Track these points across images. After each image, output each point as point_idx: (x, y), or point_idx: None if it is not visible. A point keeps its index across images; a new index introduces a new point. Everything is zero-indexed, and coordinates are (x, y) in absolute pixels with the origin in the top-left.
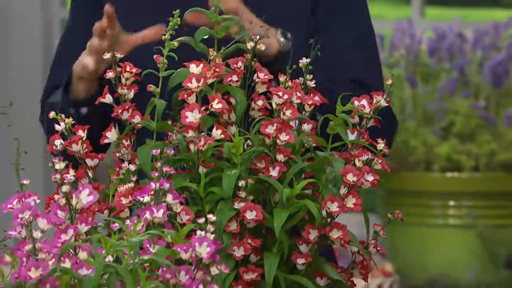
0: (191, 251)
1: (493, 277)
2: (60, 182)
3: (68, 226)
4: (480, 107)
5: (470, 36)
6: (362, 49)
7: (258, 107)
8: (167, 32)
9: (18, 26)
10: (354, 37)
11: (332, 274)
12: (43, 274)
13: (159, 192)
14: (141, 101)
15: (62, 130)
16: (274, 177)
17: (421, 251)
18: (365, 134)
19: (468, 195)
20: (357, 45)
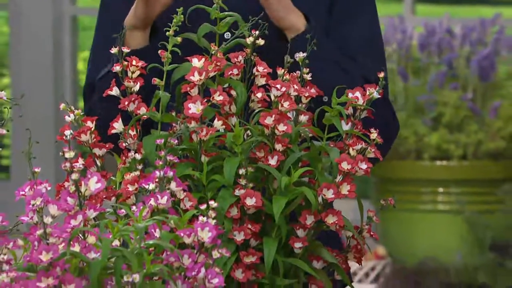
0: (193, 235)
1: (479, 260)
2: (70, 170)
3: (77, 212)
4: (468, 99)
5: (458, 32)
6: (372, 51)
7: (257, 99)
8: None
9: (30, 23)
10: (364, 39)
11: (328, 258)
12: (54, 257)
13: (164, 179)
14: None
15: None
16: (272, 166)
17: (412, 235)
18: (359, 125)
19: (456, 182)
20: (367, 47)
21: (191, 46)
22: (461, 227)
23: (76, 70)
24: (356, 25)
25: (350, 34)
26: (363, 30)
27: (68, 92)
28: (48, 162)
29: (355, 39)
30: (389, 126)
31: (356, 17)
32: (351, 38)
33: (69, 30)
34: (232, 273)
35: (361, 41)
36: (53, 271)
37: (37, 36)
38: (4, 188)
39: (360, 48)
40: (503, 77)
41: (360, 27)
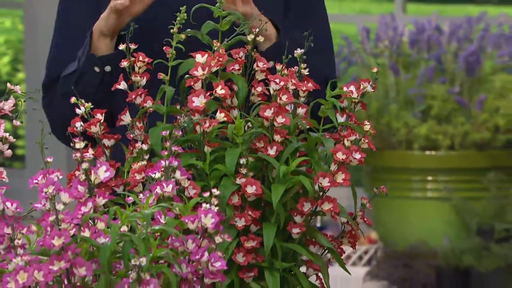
0: (197, 221)
1: (466, 244)
2: (80, 160)
3: (87, 199)
4: (455, 92)
5: (446, 30)
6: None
7: (257, 92)
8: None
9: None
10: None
11: (324, 242)
12: (65, 242)
13: (169, 169)
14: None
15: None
16: (272, 156)
17: (403, 221)
18: (353, 117)
19: (444, 171)
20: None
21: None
22: (449, 213)
23: None
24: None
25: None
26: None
27: None
28: (60, 152)
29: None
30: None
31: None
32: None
33: None
34: (234, 257)
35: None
36: (65, 255)
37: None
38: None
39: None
40: (488, 72)
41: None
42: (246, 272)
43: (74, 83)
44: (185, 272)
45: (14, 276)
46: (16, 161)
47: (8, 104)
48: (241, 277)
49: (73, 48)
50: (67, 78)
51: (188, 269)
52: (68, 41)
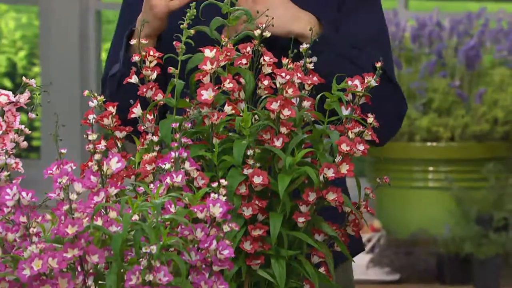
0: (206, 211)
1: (465, 232)
2: (93, 151)
3: (100, 189)
4: (455, 86)
5: (447, 25)
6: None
7: (264, 86)
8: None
9: (59, 17)
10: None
11: (328, 231)
12: (79, 230)
13: (178, 160)
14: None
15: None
16: (278, 147)
17: (404, 209)
18: (358, 110)
19: (445, 162)
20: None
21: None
22: (449, 202)
23: (100, 60)
24: (365, 19)
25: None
26: (371, 24)
27: (92, 80)
28: (74, 144)
29: (364, 32)
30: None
31: (365, 11)
32: (360, 30)
33: (94, 24)
34: (241, 245)
35: (370, 33)
36: (78, 243)
37: (64, 28)
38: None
39: (369, 39)
40: (488, 66)
41: (368, 21)
42: (253, 260)
43: (117, 84)
44: (194, 260)
45: (29, 263)
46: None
47: (23, 97)
48: (248, 265)
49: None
50: (112, 79)
51: (197, 256)
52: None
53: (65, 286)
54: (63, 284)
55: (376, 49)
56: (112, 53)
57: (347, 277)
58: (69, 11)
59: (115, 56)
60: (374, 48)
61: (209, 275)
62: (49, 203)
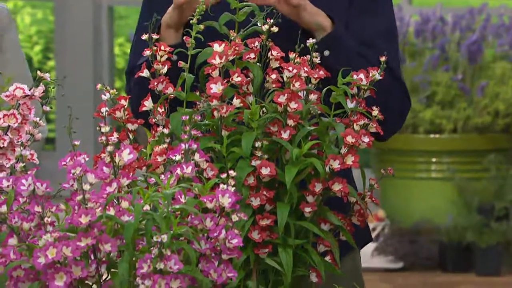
0: (215, 201)
1: (467, 221)
2: (106, 143)
3: (112, 180)
4: (458, 79)
5: (450, 20)
6: (388, 39)
7: (272, 80)
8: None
9: (73, 12)
10: (382, 29)
11: (334, 221)
12: (92, 220)
13: (189, 151)
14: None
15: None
16: (285, 139)
17: (408, 199)
18: (362, 103)
19: (448, 153)
20: (384, 35)
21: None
22: (452, 193)
23: (113, 54)
24: (374, 16)
25: (369, 24)
26: (381, 21)
27: (105, 74)
28: (88, 136)
29: (373, 29)
30: (403, 102)
31: (375, 9)
32: (370, 27)
33: (106, 19)
34: (250, 234)
35: (379, 30)
36: (91, 232)
37: (78, 24)
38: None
39: (378, 36)
40: (489, 60)
41: (379, 18)
42: (261, 249)
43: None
44: (204, 248)
45: (44, 252)
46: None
47: (38, 91)
48: (256, 253)
49: None
50: (139, 68)
51: (207, 245)
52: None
53: (78, 273)
54: (77, 272)
55: (385, 47)
56: (135, 47)
57: (355, 265)
58: (83, 7)
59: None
60: (383, 46)
61: (218, 263)
62: (63, 193)
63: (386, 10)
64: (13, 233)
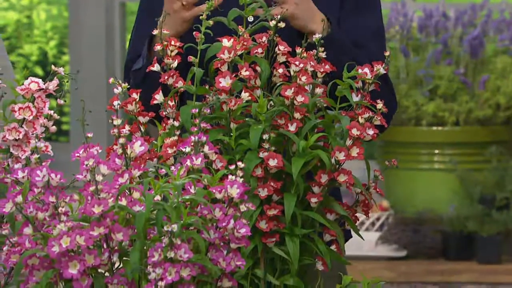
0: (224, 191)
1: (469, 211)
2: (118, 135)
3: (124, 171)
4: (460, 73)
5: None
6: (377, 40)
7: (279, 74)
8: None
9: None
10: (371, 30)
11: (340, 211)
12: (104, 210)
13: (198, 143)
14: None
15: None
16: (292, 131)
17: (412, 190)
18: (367, 97)
19: (450, 145)
20: (374, 36)
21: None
22: (454, 183)
23: (125, 49)
24: (364, 17)
25: (359, 25)
26: (370, 22)
27: (117, 68)
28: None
29: (363, 30)
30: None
31: (366, 10)
32: (360, 28)
33: (119, 15)
34: (257, 224)
35: (368, 31)
36: (104, 222)
37: (92, 20)
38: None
39: (368, 37)
40: (491, 54)
41: (368, 19)
42: (268, 238)
43: (142, 79)
44: (213, 238)
45: (58, 241)
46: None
47: (52, 85)
48: (264, 242)
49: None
50: (136, 73)
51: (216, 235)
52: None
53: (91, 262)
54: (90, 260)
55: (375, 47)
56: (135, 41)
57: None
58: (96, 3)
59: (138, 44)
60: (373, 46)
61: (227, 252)
62: (77, 184)
63: (376, 11)
64: (28, 222)
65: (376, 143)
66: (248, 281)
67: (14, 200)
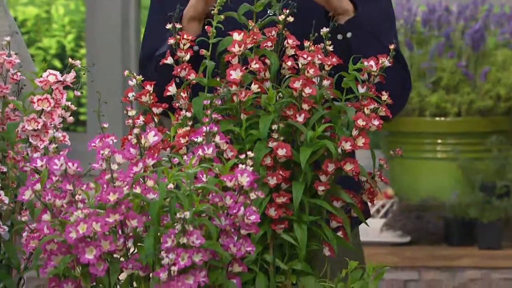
0: (234, 180)
1: (470, 198)
2: (132, 125)
3: (138, 160)
4: (462, 65)
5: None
6: (390, 25)
7: (287, 66)
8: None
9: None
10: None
11: (346, 198)
12: (119, 197)
13: (210, 134)
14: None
15: (134, 85)
16: (300, 122)
17: (415, 178)
18: (373, 88)
19: (452, 135)
20: (387, 22)
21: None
22: (456, 172)
23: (140, 42)
24: (378, 3)
25: (374, 11)
26: (384, 7)
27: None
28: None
29: (379, 15)
30: (403, 84)
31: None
32: (375, 14)
33: (134, 9)
34: (267, 211)
35: (383, 16)
36: (119, 209)
37: (108, 14)
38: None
39: (383, 21)
40: (492, 47)
41: (382, 4)
42: (277, 224)
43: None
44: (224, 224)
45: (75, 227)
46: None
47: (69, 77)
48: (273, 229)
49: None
50: (160, 57)
51: (227, 221)
52: (162, 21)
53: (107, 247)
54: (105, 246)
55: (390, 32)
56: (149, 35)
57: (357, 241)
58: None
59: (155, 38)
60: (389, 30)
61: (237, 238)
62: (93, 172)
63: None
64: (46, 209)
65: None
66: (257, 266)
67: (33, 188)
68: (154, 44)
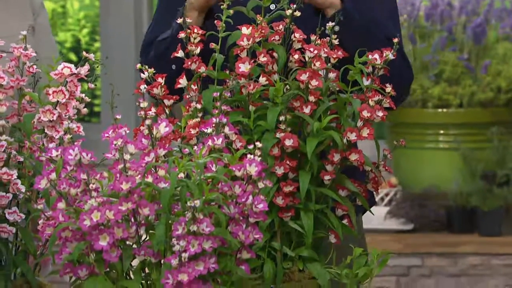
0: (243, 170)
1: (471, 187)
2: (144, 117)
3: (150, 151)
4: (464, 59)
5: (457, 5)
6: (393, 17)
7: (294, 59)
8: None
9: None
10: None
11: (351, 187)
12: (132, 186)
13: (219, 125)
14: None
15: (146, 78)
16: (306, 113)
17: (418, 168)
18: (377, 81)
19: (454, 126)
20: (389, 14)
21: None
22: (458, 161)
23: None
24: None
25: (376, 5)
26: (387, 2)
27: None
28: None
29: (381, 9)
30: (403, 75)
31: None
32: (377, 8)
33: (147, 4)
34: (274, 199)
35: (385, 10)
36: (132, 198)
37: (121, 8)
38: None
39: (385, 16)
40: (493, 41)
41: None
42: (284, 213)
43: (166, 48)
44: (232, 213)
45: (89, 215)
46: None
47: (83, 70)
48: (280, 217)
49: (171, 18)
50: (161, 42)
51: (235, 210)
52: (168, 10)
53: (120, 234)
54: (118, 233)
55: (392, 25)
56: (153, 25)
57: (359, 229)
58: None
59: (158, 28)
60: (391, 24)
61: (246, 226)
62: (106, 162)
63: None
64: (61, 198)
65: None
66: (265, 253)
67: (49, 177)
68: (156, 33)
